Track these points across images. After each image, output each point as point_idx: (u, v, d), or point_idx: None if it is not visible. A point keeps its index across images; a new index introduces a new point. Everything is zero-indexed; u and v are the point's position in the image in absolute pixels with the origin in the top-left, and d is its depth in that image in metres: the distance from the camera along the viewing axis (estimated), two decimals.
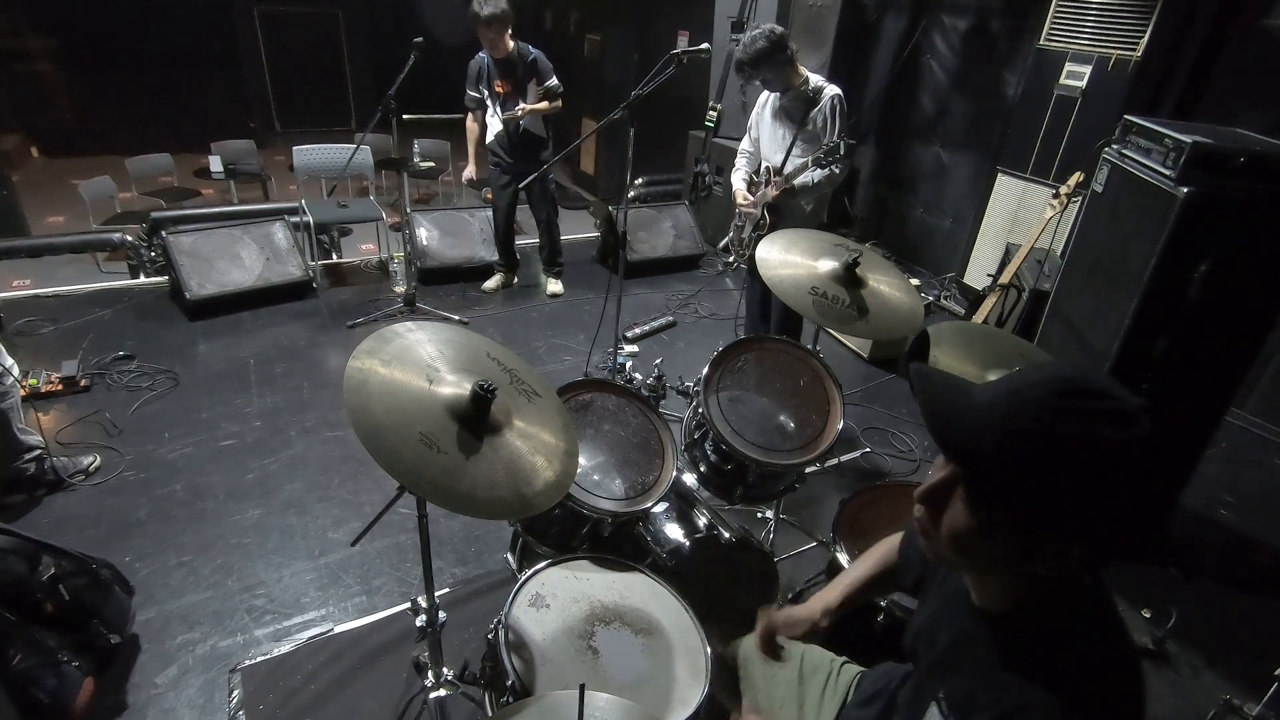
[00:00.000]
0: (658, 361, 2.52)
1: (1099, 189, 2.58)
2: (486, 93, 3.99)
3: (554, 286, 4.75)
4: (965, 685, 0.85)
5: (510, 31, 3.79)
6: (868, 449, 3.25)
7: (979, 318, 3.84)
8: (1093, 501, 0.72)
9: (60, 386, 3.23)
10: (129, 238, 4.70)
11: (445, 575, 2.42)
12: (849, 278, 2.07)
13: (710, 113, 5.38)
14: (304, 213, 4.49)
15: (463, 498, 1.23)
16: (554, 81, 3.96)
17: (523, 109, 3.88)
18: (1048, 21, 4.15)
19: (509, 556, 2.03)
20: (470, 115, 4.18)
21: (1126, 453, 0.71)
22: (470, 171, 4.35)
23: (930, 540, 0.85)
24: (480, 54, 3.91)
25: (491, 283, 4.65)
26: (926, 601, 1.06)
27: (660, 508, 1.88)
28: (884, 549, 1.31)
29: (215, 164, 6.19)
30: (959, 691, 0.86)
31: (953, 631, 0.93)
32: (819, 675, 1.38)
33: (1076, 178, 3.52)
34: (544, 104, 3.95)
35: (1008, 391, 0.77)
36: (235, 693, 1.98)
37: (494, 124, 4.05)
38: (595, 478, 1.76)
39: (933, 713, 0.88)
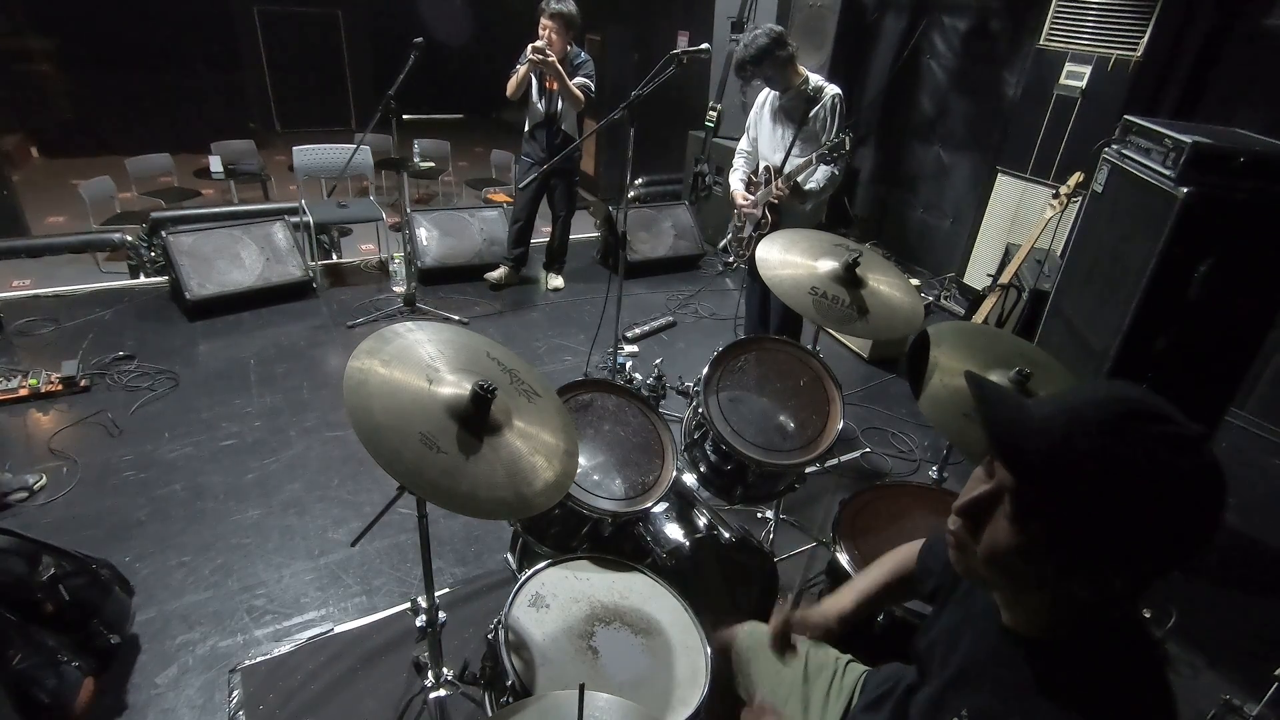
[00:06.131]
0: (658, 361, 2.52)
1: (1099, 189, 2.58)
2: (535, 84, 4.04)
3: (555, 281, 4.79)
4: (991, 705, 0.84)
5: (570, 36, 3.89)
6: (868, 449, 3.25)
7: (979, 318, 3.84)
8: (1146, 526, 0.70)
9: (60, 386, 3.22)
10: (129, 238, 4.70)
11: (445, 575, 2.42)
12: (849, 278, 2.07)
13: (710, 113, 5.38)
14: (304, 213, 4.49)
15: (463, 498, 1.23)
16: (589, 83, 4.03)
17: (554, 58, 3.79)
18: (1047, 21, 4.14)
19: (509, 556, 2.03)
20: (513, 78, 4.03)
21: (1186, 480, 0.70)
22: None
23: (964, 555, 0.83)
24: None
25: (496, 273, 4.67)
26: (946, 609, 1.04)
27: (660, 508, 1.87)
28: (900, 556, 1.28)
29: (215, 164, 6.20)
30: (984, 710, 0.84)
31: (978, 648, 0.91)
32: (824, 674, 1.37)
33: (1076, 178, 3.52)
34: (574, 85, 3.94)
35: (1067, 408, 0.75)
36: (235, 693, 1.98)
37: (534, 113, 4.11)
38: (595, 478, 1.76)
39: None
